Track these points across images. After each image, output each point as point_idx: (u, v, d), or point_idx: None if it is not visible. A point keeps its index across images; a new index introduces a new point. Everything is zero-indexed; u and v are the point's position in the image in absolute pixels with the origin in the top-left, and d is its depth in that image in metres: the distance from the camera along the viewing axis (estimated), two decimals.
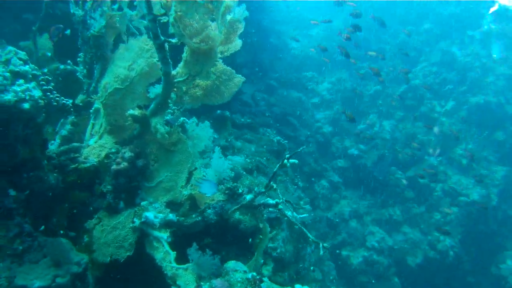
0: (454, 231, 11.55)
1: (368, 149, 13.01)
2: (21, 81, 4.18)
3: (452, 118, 13.50)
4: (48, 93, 4.66)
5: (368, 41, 16.74)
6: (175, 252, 4.70)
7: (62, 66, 6.35)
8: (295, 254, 7.69)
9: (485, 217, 11.89)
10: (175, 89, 4.76)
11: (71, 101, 5.02)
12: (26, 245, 4.37)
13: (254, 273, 4.42)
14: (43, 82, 4.60)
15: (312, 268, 8.48)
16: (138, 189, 5.14)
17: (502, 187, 12.14)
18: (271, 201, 5.47)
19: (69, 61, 6.39)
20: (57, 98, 4.71)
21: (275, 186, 5.10)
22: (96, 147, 5.24)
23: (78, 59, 6.02)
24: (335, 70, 15.86)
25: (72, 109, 5.05)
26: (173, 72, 4.66)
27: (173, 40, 4.33)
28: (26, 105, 4.10)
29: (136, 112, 4.92)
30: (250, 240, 5.99)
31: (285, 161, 5.08)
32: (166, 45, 4.34)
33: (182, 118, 5.10)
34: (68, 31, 6.54)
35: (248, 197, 5.47)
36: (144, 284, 5.08)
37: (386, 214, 11.99)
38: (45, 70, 5.59)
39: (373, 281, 10.84)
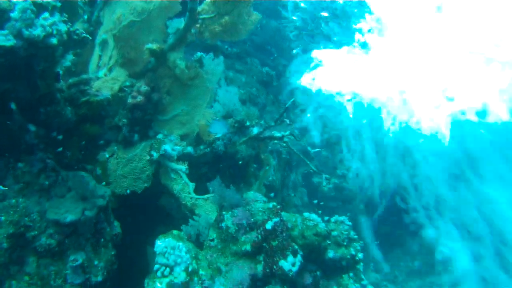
0: None
1: None
2: (46, 14, 4.07)
3: None
4: (69, 26, 4.55)
5: None
6: (194, 183, 4.89)
7: None
8: (282, 182, 8.06)
9: None
10: (197, 25, 4.76)
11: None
12: (51, 180, 4.45)
13: (275, 203, 4.70)
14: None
15: (292, 194, 8.93)
16: (151, 122, 5.23)
17: None
18: (277, 134, 5.68)
19: None
20: (77, 32, 4.61)
21: (288, 121, 5.28)
22: (108, 79, 5.21)
23: None
24: None
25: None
26: (198, 9, 4.65)
27: None
28: (54, 40, 4.03)
29: (154, 46, 4.91)
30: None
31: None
32: None
33: (199, 53, 5.12)
34: None
35: (255, 130, 5.65)
36: (158, 215, 5.29)
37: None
38: None
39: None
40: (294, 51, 13.05)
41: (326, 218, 5.17)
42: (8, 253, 4.00)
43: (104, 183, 4.96)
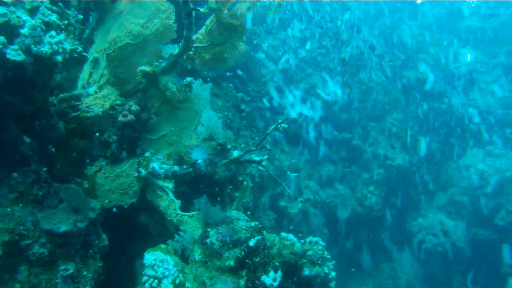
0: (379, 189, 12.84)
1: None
2: (53, 32, 4.29)
3: None
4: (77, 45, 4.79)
5: None
6: (180, 201, 5.13)
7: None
8: (254, 203, 8.35)
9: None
10: (190, 52, 5.07)
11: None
12: (44, 191, 4.61)
13: (257, 222, 4.98)
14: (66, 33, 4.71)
15: (263, 216, 9.24)
16: (138, 141, 5.46)
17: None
18: (256, 158, 5.99)
19: (60, 3, 6.34)
20: (78, 50, 4.83)
21: (268, 146, 5.60)
22: (99, 97, 5.43)
23: (72, 1, 6.00)
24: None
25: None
26: (193, 37, 4.96)
27: (201, 9, 4.63)
28: (59, 57, 4.25)
29: (148, 68, 5.18)
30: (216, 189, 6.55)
31: (279, 126, 5.60)
32: (193, 13, 4.62)
33: (189, 78, 5.40)
34: None
35: (235, 153, 5.95)
36: (144, 230, 5.48)
37: (321, 171, 12.95)
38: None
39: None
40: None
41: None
42: (2, 260, 4.12)
43: (91, 196, 5.12)
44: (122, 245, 5.54)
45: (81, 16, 5.91)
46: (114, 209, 5.11)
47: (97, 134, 5.45)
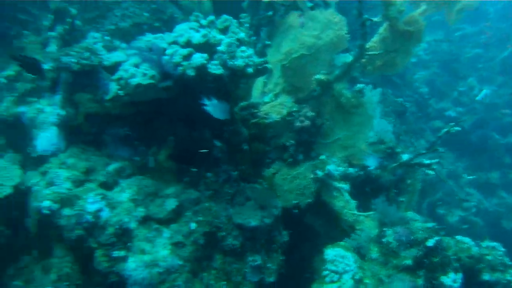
0: None
1: (466, 112, 13.21)
2: (244, 47, 4.82)
3: None
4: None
5: None
6: (356, 201, 5.37)
7: None
8: (418, 208, 8.30)
9: None
10: (363, 60, 5.31)
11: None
12: (234, 190, 5.15)
13: (434, 224, 5.04)
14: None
15: None
16: (313, 144, 5.80)
17: None
18: (426, 161, 6.01)
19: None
20: (263, 63, 5.32)
21: (441, 149, 5.61)
22: (275, 105, 5.89)
23: (241, 19, 6.60)
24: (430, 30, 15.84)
25: None
26: (366, 46, 5.20)
27: (375, 19, 4.85)
28: (250, 70, 4.76)
29: (322, 76, 5.52)
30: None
31: (450, 128, 5.59)
32: (368, 23, 4.87)
33: (361, 85, 5.65)
34: None
35: (405, 156, 6.03)
36: (310, 230, 5.80)
37: (484, 177, 12.32)
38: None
39: None
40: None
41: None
42: (203, 249, 4.70)
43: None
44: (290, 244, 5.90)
45: (251, 32, 6.49)
46: (295, 210, 5.46)
47: (275, 139, 5.92)
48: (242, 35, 4.95)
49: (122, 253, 4.42)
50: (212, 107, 4.26)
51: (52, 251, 4.78)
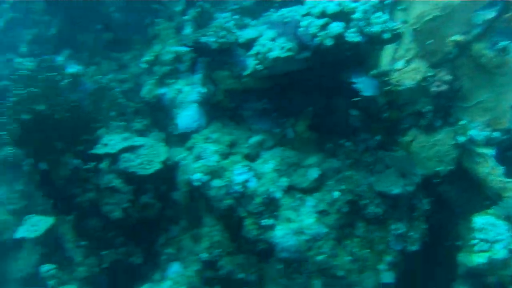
0: None
1: None
2: (379, 13, 4.73)
3: None
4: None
5: None
6: (503, 167, 5.10)
7: None
8: None
9: None
10: (507, 14, 4.97)
11: None
12: (373, 158, 5.13)
13: None
14: None
15: None
16: (451, 109, 5.57)
17: None
18: None
19: None
20: (398, 28, 5.18)
21: None
22: (408, 71, 5.70)
23: None
24: None
25: None
26: None
27: None
28: (387, 35, 4.66)
29: (459, 37, 5.25)
30: None
31: None
32: None
33: (505, 42, 5.29)
34: None
35: None
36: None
37: None
38: None
39: None
40: None
41: None
42: (346, 216, 4.76)
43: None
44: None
45: None
46: (436, 179, 5.32)
47: (409, 105, 5.76)
48: (375, 1, 4.85)
49: (270, 221, 4.61)
50: (362, 84, 4.25)
51: (202, 221, 5.11)
